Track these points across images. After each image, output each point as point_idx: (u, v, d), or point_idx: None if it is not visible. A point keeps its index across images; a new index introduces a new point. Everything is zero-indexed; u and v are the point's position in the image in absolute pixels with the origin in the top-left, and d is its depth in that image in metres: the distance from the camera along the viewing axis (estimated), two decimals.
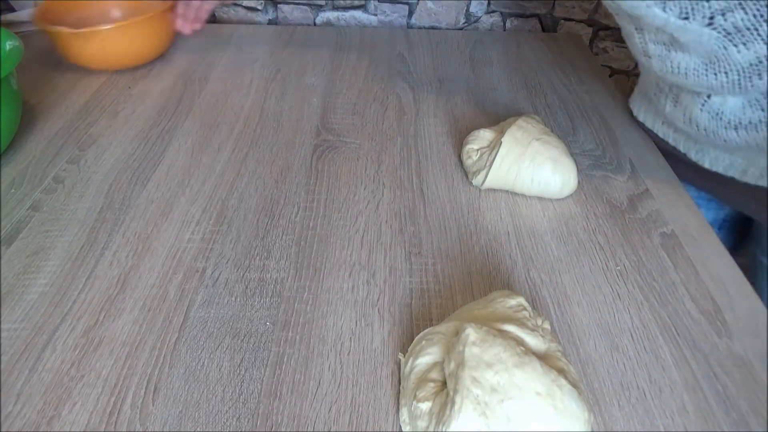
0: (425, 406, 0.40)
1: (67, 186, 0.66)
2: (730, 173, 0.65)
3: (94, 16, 0.96)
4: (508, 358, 0.38)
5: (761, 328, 0.51)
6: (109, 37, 0.85)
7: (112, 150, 0.73)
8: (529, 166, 0.63)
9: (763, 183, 0.62)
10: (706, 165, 0.67)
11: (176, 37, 1.03)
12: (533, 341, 0.42)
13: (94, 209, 0.63)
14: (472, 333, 0.39)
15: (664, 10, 0.52)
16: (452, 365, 0.39)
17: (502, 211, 0.64)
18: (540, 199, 0.66)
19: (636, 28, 0.59)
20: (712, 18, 0.50)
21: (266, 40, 1.02)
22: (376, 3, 1.14)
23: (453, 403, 0.37)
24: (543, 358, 0.42)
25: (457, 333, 0.43)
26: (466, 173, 0.69)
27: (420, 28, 1.15)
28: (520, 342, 0.42)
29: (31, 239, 0.59)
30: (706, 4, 0.49)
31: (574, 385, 0.41)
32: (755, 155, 0.61)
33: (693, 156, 0.68)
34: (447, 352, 0.42)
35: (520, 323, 0.43)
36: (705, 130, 0.63)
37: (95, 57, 0.88)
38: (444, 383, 0.41)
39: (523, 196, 0.66)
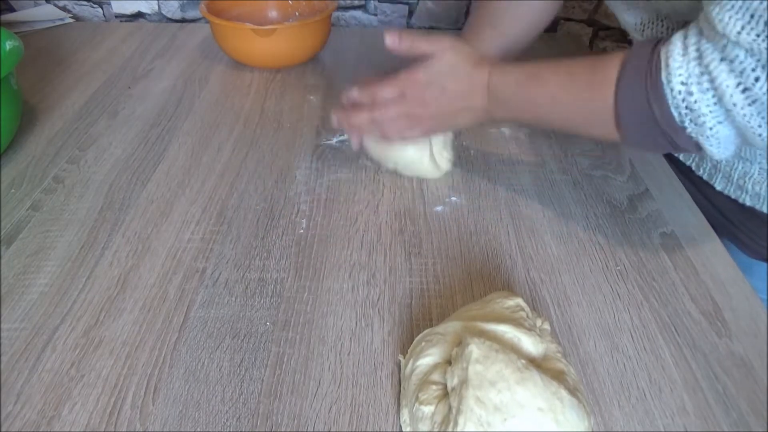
0: (428, 409, 0.40)
1: (67, 186, 0.66)
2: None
3: (253, 14, 0.98)
4: (510, 374, 0.38)
5: (761, 328, 0.51)
6: (284, 35, 0.88)
7: (112, 150, 0.73)
8: None
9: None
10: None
11: (175, 38, 1.03)
12: (530, 341, 0.42)
13: (94, 209, 0.63)
14: (475, 350, 0.39)
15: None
16: (455, 381, 0.39)
17: (502, 211, 0.64)
18: (540, 198, 0.66)
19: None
20: None
21: None
22: (376, 3, 1.14)
23: (456, 423, 0.37)
24: (542, 359, 0.42)
25: (458, 337, 0.43)
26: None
27: (420, 28, 1.15)
28: (516, 345, 0.42)
29: (31, 239, 0.59)
30: None
31: (574, 387, 0.41)
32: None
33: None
34: (449, 361, 0.42)
35: (517, 323, 0.43)
36: None
37: (264, 53, 0.91)
38: (446, 386, 0.41)
39: (524, 196, 0.66)
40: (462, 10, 1.13)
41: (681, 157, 0.71)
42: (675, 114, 0.46)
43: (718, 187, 0.66)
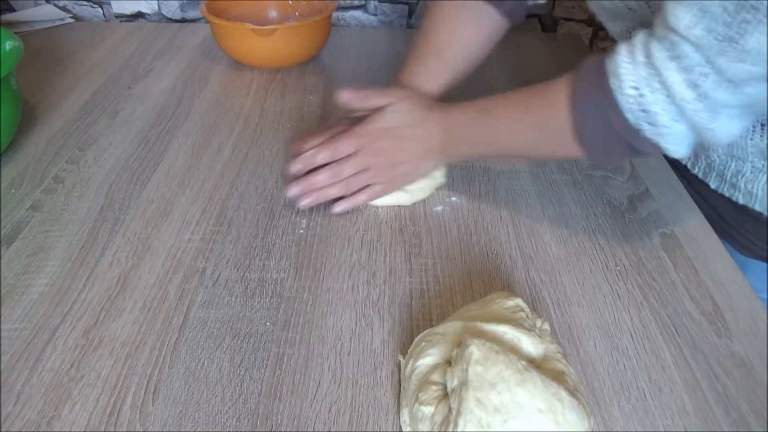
0: (428, 409, 0.40)
1: (67, 186, 0.66)
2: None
3: (253, 14, 0.98)
4: (510, 376, 0.38)
5: (761, 328, 0.51)
6: (284, 35, 0.88)
7: (112, 150, 0.73)
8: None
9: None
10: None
11: (174, 38, 1.03)
12: (529, 341, 0.42)
13: (94, 209, 0.63)
14: (475, 351, 0.39)
15: None
16: (455, 382, 0.39)
17: (502, 211, 0.64)
18: (540, 198, 0.66)
19: None
20: None
21: None
22: (376, 3, 1.14)
23: (456, 424, 0.37)
24: (542, 360, 0.42)
25: (458, 337, 0.43)
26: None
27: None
28: (516, 346, 0.42)
29: (31, 239, 0.59)
30: None
31: (574, 388, 0.41)
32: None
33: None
34: (449, 361, 0.42)
35: (517, 324, 0.43)
36: None
37: (264, 53, 0.91)
38: (446, 387, 0.41)
39: (524, 196, 0.66)
40: None
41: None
42: (630, 118, 0.47)
43: (713, 186, 0.67)
